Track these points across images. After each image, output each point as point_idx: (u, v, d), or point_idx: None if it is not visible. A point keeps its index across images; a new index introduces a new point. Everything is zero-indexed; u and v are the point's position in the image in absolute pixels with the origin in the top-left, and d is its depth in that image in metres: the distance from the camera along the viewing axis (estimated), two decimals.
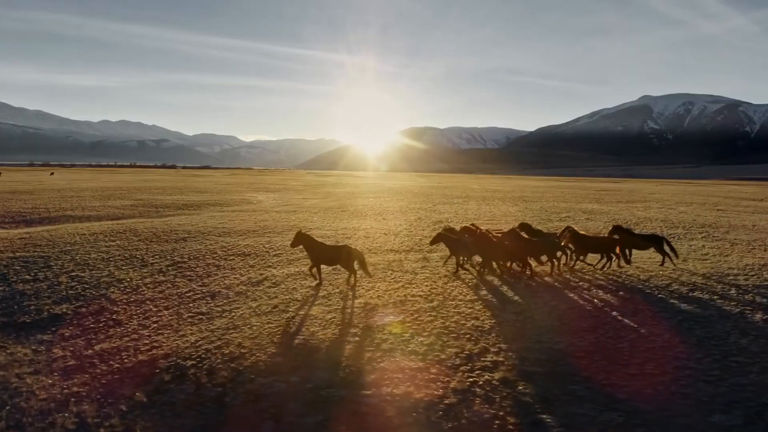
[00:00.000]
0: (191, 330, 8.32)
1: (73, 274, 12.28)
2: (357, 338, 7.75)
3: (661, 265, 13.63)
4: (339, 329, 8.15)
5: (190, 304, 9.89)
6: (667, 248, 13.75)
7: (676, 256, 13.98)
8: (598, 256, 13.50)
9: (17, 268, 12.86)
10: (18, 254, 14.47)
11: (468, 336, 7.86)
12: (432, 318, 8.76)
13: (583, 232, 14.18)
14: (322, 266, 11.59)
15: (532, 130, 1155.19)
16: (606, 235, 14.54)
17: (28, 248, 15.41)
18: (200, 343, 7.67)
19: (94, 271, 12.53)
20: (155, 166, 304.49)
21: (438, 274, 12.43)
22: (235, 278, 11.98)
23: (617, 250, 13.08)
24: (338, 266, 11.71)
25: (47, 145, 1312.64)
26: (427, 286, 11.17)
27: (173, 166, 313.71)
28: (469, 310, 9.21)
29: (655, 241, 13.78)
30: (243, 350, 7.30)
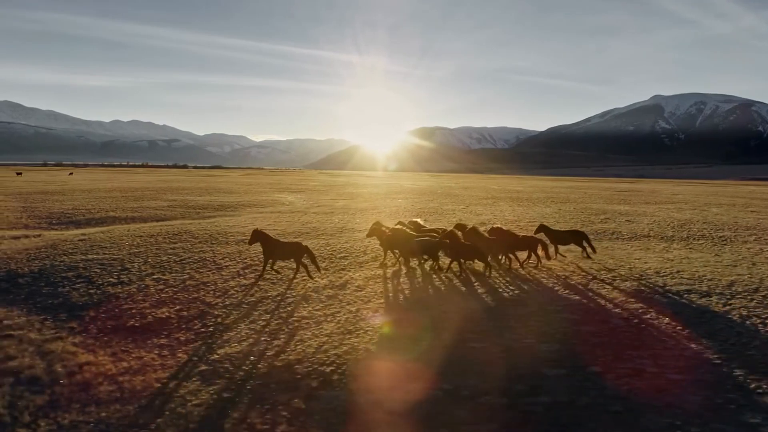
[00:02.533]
0: (306, 335, 8.33)
1: (155, 276, 12.37)
2: (481, 344, 7.71)
3: (586, 257, 14.63)
4: (457, 335, 8.12)
5: (288, 308, 9.91)
6: (585, 243, 14.68)
7: (594, 251, 14.80)
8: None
9: (96, 270, 12.97)
10: (89, 256, 14.60)
11: (590, 343, 7.80)
12: (541, 323, 8.72)
13: (506, 230, 14.76)
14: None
15: (543, 129, 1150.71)
16: (533, 233, 15.15)
17: (96, 250, 15.55)
18: (325, 348, 7.68)
19: (174, 274, 12.61)
20: (167, 166, 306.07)
21: (520, 277, 12.39)
22: (316, 281, 12.01)
23: (539, 248, 13.74)
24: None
25: (59, 145, 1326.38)
26: (515, 288, 11.14)
27: (184, 166, 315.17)
28: (574, 317, 9.15)
29: (576, 237, 14.80)
30: (374, 356, 7.30)
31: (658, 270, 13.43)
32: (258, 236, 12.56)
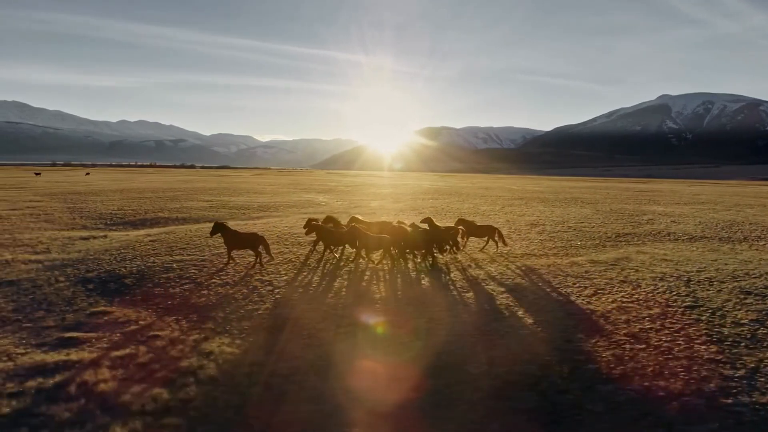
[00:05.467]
0: (470, 333, 8.49)
1: (258, 277, 12.53)
2: (628, 346, 7.82)
3: (481, 249, 16.55)
4: (608, 338, 8.23)
5: (423, 309, 10.06)
6: (498, 237, 16.64)
7: (505, 245, 16.72)
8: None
9: (193, 271, 13.15)
10: (176, 257, 14.78)
11: (742, 345, 7.92)
12: (673, 326, 8.81)
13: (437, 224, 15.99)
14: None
15: (549, 129, 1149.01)
16: (453, 225, 16.80)
17: (177, 251, 15.71)
18: (492, 350, 7.83)
19: (273, 276, 12.76)
20: (174, 166, 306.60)
21: (626, 279, 12.47)
22: (431, 281, 12.18)
23: (460, 238, 15.91)
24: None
25: (67, 145, 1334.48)
26: (624, 292, 11.24)
27: (192, 166, 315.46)
28: (712, 318, 9.23)
29: (490, 231, 16.76)
30: (544, 357, 7.43)
31: (747, 272, 13.49)
32: (219, 228, 13.87)
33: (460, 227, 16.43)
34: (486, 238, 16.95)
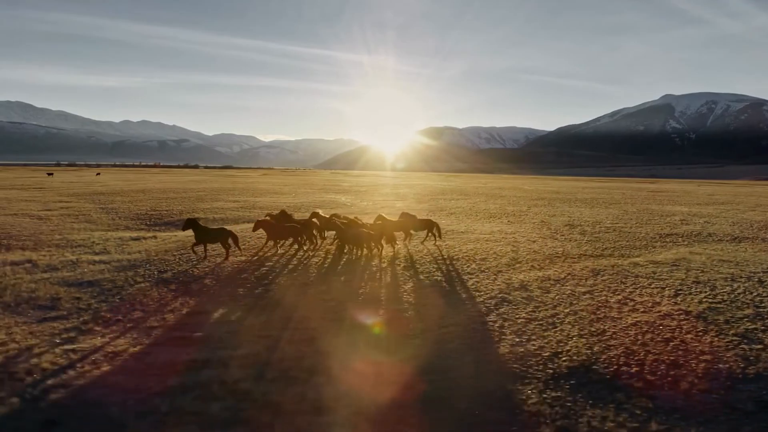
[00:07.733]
0: (577, 334, 8.62)
1: (336, 278, 12.67)
2: (746, 346, 7.93)
3: (422, 242, 17.79)
4: (720, 338, 8.35)
5: (504, 308, 10.18)
6: (436, 231, 17.77)
7: (440, 237, 18.03)
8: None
9: (263, 272, 13.28)
10: (240, 258, 14.95)
11: None
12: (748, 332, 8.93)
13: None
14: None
15: (552, 129, 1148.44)
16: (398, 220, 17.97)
17: (238, 252, 15.83)
18: (610, 350, 7.96)
19: (347, 276, 12.91)
20: (178, 166, 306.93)
21: (698, 280, 12.58)
22: (498, 284, 12.30)
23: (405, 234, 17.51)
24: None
25: (70, 145, 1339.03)
26: (704, 293, 11.34)
27: (195, 166, 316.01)
28: None
29: (430, 225, 17.72)
30: (666, 358, 7.56)
31: None
32: (190, 224, 14.98)
33: (403, 220, 17.72)
34: (426, 231, 17.99)
